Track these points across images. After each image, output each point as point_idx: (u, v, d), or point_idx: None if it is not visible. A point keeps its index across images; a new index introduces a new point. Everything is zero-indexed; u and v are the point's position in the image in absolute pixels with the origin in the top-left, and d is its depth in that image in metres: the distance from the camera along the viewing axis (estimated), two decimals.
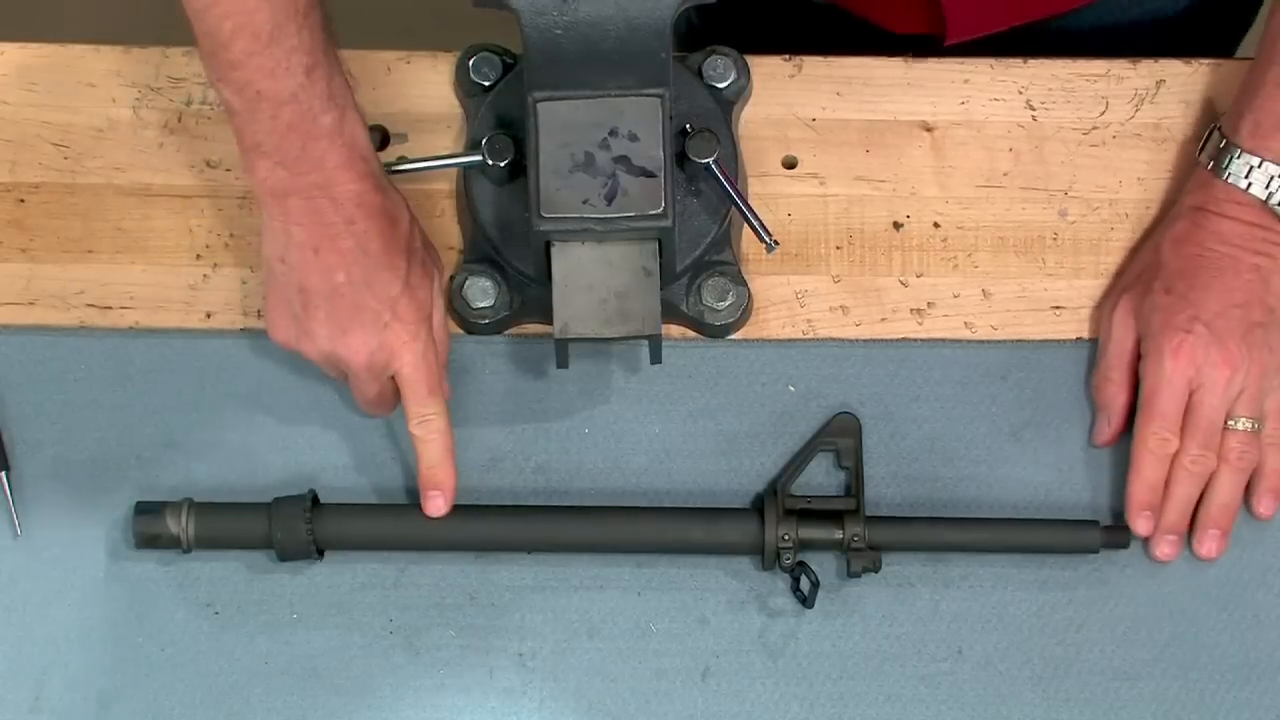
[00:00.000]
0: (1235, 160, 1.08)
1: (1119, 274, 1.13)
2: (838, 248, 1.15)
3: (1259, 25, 1.14)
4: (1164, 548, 1.08)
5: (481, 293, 1.11)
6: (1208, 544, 1.08)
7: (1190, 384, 1.07)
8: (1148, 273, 1.10)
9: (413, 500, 1.10)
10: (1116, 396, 1.10)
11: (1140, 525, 1.08)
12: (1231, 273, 1.08)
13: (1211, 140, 1.10)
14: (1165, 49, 1.19)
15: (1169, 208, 1.14)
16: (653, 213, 1.02)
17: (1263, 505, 1.09)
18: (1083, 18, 1.22)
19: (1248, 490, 1.09)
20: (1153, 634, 1.09)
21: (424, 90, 1.17)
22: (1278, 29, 1.07)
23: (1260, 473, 1.09)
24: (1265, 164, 1.07)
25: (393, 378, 1.06)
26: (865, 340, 1.13)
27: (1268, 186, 1.07)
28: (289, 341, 1.06)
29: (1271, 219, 1.07)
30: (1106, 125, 1.17)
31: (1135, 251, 1.14)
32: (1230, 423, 1.08)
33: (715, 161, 1.07)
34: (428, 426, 1.06)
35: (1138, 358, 1.10)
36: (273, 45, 0.97)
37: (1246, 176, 1.07)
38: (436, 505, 1.07)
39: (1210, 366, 1.07)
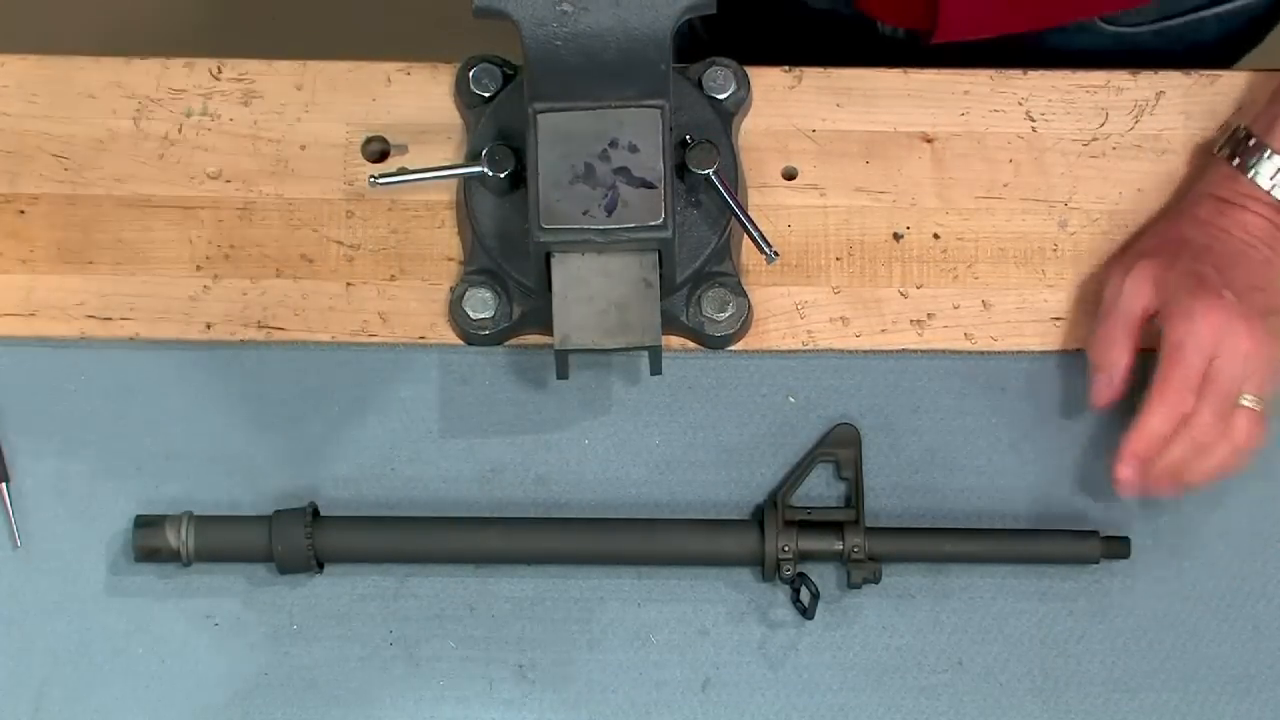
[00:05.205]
0: (1265, 160, 1.08)
1: (1127, 245, 1.13)
2: (838, 259, 1.15)
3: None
4: (1128, 490, 1.06)
5: (481, 304, 1.11)
6: (1167, 490, 1.06)
7: (1213, 349, 1.05)
8: (1171, 246, 1.09)
9: (412, 513, 1.10)
10: (1121, 357, 1.07)
11: (1125, 471, 1.05)
12: (1247, 259, 1.07)
13: (1236, 137, 1.10)
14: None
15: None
16: (653, 224, 1.02)
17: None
18: (1075, 38, 1.22)
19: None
20: (1153, 645, 1.09)
21: (424, 101, 1.17)
22: None
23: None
24: None
25: None
26: (865, 351, 1.13)
27: None
28: None
29: None
30: (1106, 136, 1.17)
31: (1151, 226, 1.13)
32: (1240, 400, 1.06)
33: (715, 173, 1.07)
34: None
35: (1145, 324, 1.08)
36: None
37: (1272, 178, 1.08)
38: None
39: (1234, 335, 1.04)
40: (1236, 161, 1.09)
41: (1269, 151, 1.08)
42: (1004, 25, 1.19)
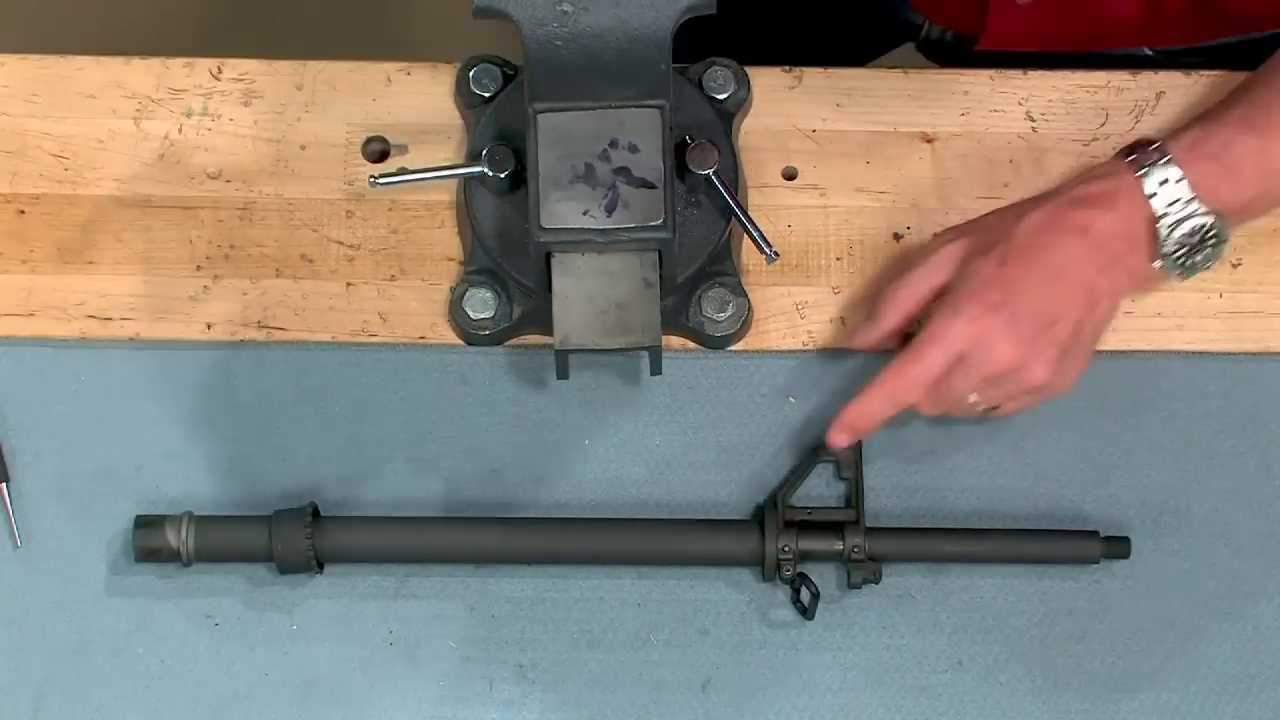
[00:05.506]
0: (1159, 166, 1.05)
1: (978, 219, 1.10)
2: (838, 259, 1.15)
3: None
4: (840, 436, 1.06)
5: (481, 304, 1.11)
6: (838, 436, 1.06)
7: (958, 358, 1.03)
8: (996, 233, 1.06)
9: (412, 513, 1.10)
10: (892, 322, 1.07)
11: (838, 438, 1.06)
12: (1064, 283, 1.04)
13: (1141, 141, 1.08)
14: None
15: None
16: (653, 224, 1.02)
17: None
18: (1118, 55, 1.22)
19: None
20: (1153, 645, 1.09)
21: (424, 101, 1.17)
22: (1269, 77, 1.05)
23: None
24: (1181, 183, 1.04)
25: None
26: (865, 351, 1.13)
27: (1169, 205, 1.04)
28: None
29: (1144, 240, 1.05)
30: (1107, 137, 1.17)
31: (1014, 205, 1.09)
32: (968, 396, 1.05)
33: (715, 173, 1.07)
34: None
35: (934, 297, 1.07)
36: None
37: (1160, 184, 1.05)
38: None
39: (987, 351, 1.03)
40: (1131, 158, 1.06)
41: (1167, 159, 1.05)
42: (1051, 42, 1.18)
